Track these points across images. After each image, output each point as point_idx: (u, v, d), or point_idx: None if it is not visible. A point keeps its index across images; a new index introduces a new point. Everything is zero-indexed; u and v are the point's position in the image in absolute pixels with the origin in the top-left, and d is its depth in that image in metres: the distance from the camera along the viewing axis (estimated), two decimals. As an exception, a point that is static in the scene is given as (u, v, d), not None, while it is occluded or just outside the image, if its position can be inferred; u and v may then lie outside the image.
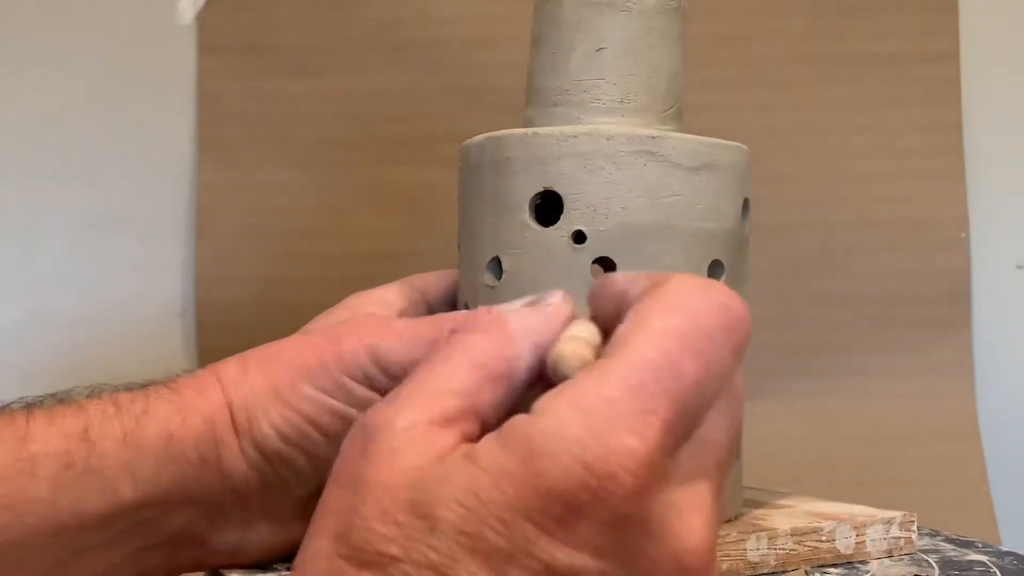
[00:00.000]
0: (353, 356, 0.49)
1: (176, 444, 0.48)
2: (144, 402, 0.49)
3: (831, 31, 0.96)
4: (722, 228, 0.55)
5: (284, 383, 0.49)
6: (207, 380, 0.50)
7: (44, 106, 0.96)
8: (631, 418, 0.34)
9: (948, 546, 0.60)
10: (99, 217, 0.97)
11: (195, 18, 0.97)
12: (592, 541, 0.34)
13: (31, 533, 0.46)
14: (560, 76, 0.57)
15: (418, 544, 0.34)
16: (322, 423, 0.49)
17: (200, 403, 0.49)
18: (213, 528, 0.51)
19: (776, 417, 0.92)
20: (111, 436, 0.47)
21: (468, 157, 0.57)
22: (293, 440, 0.49)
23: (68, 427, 0.47)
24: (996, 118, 0.96)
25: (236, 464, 0.49)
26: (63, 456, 0.46)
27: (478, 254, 0.56)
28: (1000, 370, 0.96)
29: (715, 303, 0.37)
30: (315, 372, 0.49)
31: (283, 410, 0.49)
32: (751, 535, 0.53)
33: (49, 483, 0.46)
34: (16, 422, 0.47)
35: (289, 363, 0.50)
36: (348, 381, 0.49)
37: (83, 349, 0.95)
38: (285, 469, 0.50)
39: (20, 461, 0.46)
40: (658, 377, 0.35)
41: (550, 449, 0.34)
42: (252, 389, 0.50)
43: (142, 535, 0.49)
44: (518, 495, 0.34)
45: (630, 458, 0.34)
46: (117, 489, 0.47)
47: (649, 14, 0.57)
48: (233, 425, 0.49)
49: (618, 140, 0.53)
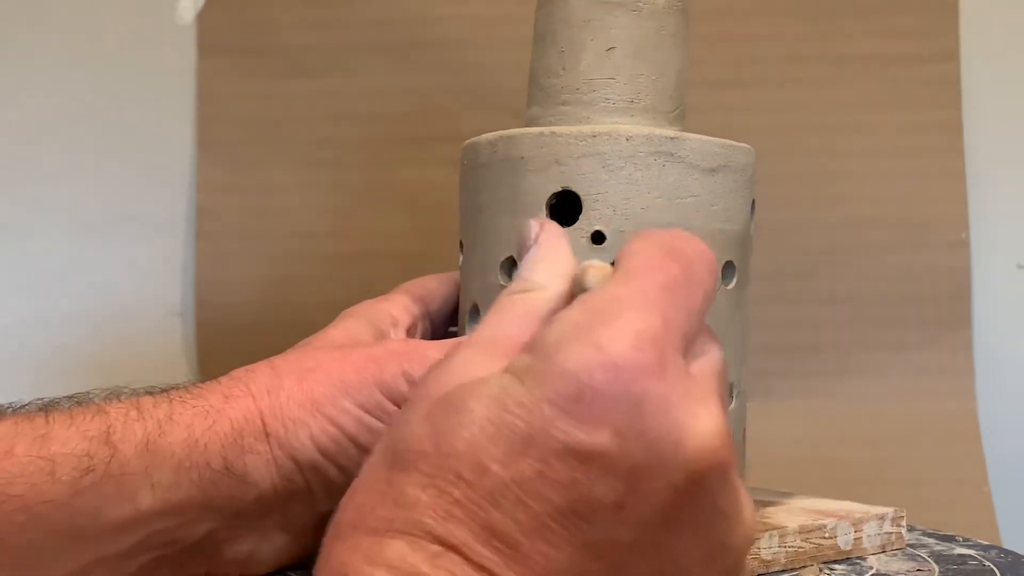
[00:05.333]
0: (394, 380, 0.50)
1: (200, 451, 0.48)
2: (168, 407, 0.48)
3: (831, 31, 0.96)
4: (735, 229, 0.55)
5: (324, 396, 0.50)
6: (235, 388, 0.50)
7: (44, 106, 0.96)
8: (637, 308, 0.36)
9: (931, 540, 0.61)
10: (99, 217, 0.96)
11: (195, 18, 0.97)
12: (609, 419, 0.34)
13: (48, 536, 0.46)
14: (569, 75, 0.57)
15: (447, 436, 0.35)
16: (360, 439, 0.50)
17: (228, 410, 0.49)
18: (229, 538, 0.50)
19: (776, 417, 0.92)
20: (133, 441, 0.47)
21: (476, 155, 0.57)
22: (330, 453, 0.50)
23: (89, 429, 0.47)
24: (996, 118, 0.96)
25: (264, 472, 0.49)
26: (84, 458, 0.46)
27: (490, 254, 0.56)
28: (1000, 370, 0.96)
29: (688, 241, 0.40)
30: (357, 389, 0.50)
31: (323, 423, 0.50)
32: (764, 533, 0.53)
33: (68, 486, 0.46)
34: (35, 421, 0.47)
35: (329, 376, 0.50)
36: (388, 403, 0.50)
37: (83, 349, 0.95)
38: (316, 480, 0.50)
39: (40, 460, 0.45)
40: (656, 283, 0.37)
41: (564, 338, 0.35)
42: (289, 398, 0.50)
43: (158, 545, 0.48)
44: (536, 382, 0.35)
45: (638, 338, 0.35)
46: (135, 496, 0.47)
47: (659, 14, 0.57)
48: (265, 433, 0.49)
49: (637, 140, 0.53)
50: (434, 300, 0.61)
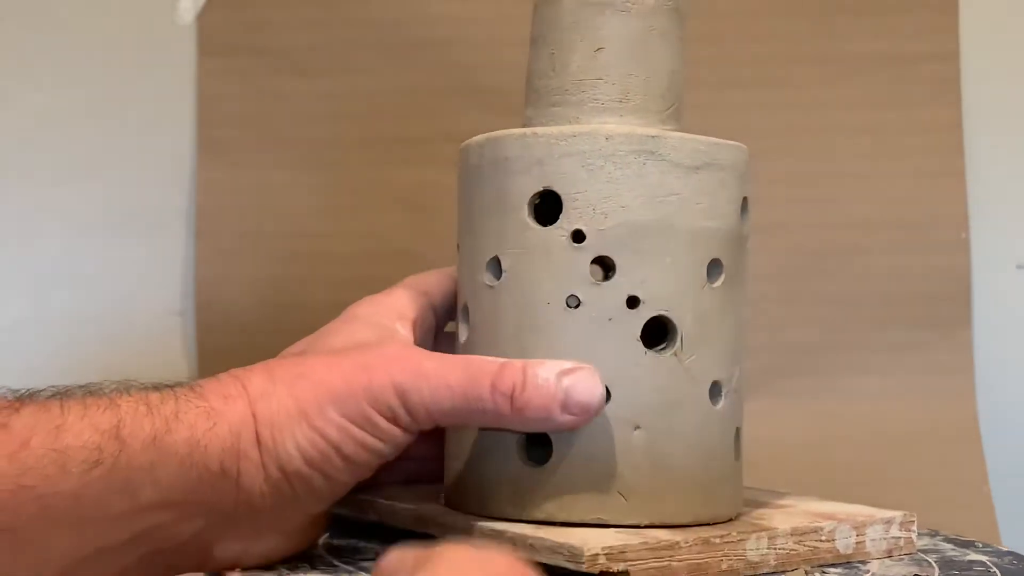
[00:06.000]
0: (382, 391, 0.50)
1: (200, 451, 0.48)
2: (174, 405, 0.49)
3: (831, 31, 0.96)
4: (721, 227, 0.55)
5: (311, 405, 0.50)
6: (233, 388, 0.50)
7: (44, 106, 0.96)
8: None
9: (948, 546, 0.60)
10: (99, 217, 0.96)
11: (195, 18, 0.97)
12: None
13: (55, 526, 0.46)
14: (559, 76, 0.57)
15: None
16: (345, 450, 0.50)
17: (227, 412, 0.49)
18: (221, 537, 0.51)
19: (776, 417, 0.92)
20: (140, 437, 0.47)
21: (468, 157, 0.58)
22: (315, 462, 0.50)
23: (101, 422, 0.47)
24: (996, 118, 0.96)
25: (255, 478, 0.50)
26: (94, 451, 0.46)
27: (477, 254, 0.56)
28: (1000, 370, 0.96)
29: None
30: (343, 398, 0.50)
31: (309, 432, 0.50)
32: (751, 535, 0.53)
33: (77, 478, 0.46)
34: (52, 411, 0.47)
35: (318, 384, 0.50)
36: (374, 413, 0.50)
37: (83, 349, 0.95)
38: (302, 488, 0.51)
39: (54, 452, 0.46)
40: None
41: None
42: (279, 405, 0.50)
43: (153, 539, 0.49)
44: None
45: None
46: (138, 491, 0.47)
47: (649, 14, 0.57)
48: (257, 439, 0.49)
49: (617, 139, 0.53)
50: (436, 295, 0.62)
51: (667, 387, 0.53)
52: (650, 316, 0.53)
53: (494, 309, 0.55)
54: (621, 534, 0.51)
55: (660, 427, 0.53)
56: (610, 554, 0.48)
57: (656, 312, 0.53)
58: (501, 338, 0.54)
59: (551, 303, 0.53)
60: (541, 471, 0.53)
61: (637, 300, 0.53)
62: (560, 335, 0.53)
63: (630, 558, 0.49)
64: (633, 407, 0.53)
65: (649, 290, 0.53)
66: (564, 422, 0.51)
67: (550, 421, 0.51)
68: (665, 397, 0.53)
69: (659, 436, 0.53)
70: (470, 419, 0.52)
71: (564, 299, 0.53)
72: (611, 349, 0.53)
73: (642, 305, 0.53)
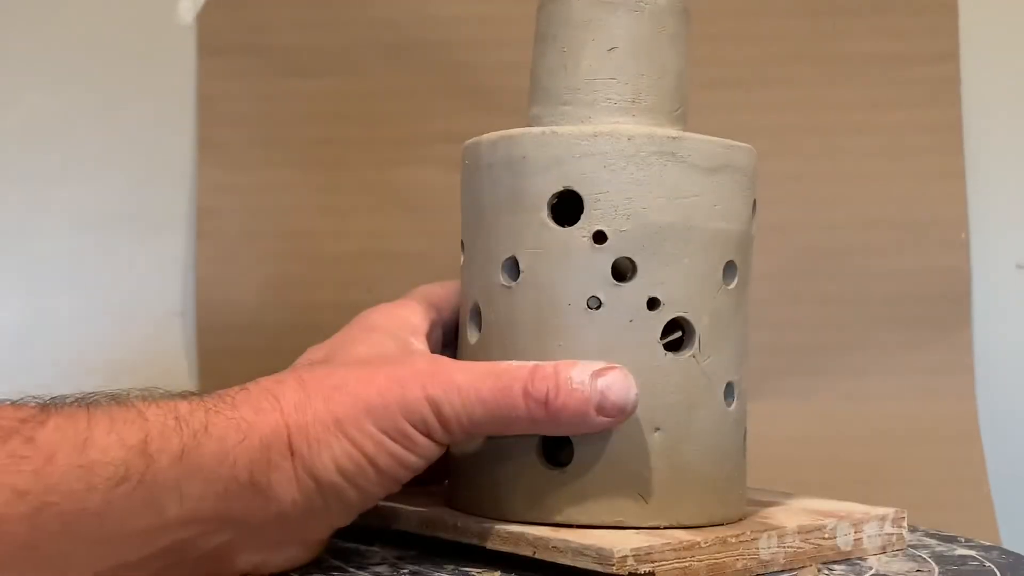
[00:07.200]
0: (416, 405, 0.50)
1: (229, 464, 0.48)
2: (203, 416, 0.48)
3: (831, 31, 0.96)
4: (736, 229, 0.55)
5: (348, 417, 0.50)
6: (264, 400, 0.50)
7: (44, 106, 0.96)
8: None
9: (932, 541, 0.61)
10: (99, 217, 0.96)
11: (195, 18, 0.96)
12: None
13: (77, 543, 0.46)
14: (570, 75, 0.57)
15: None
16: (379, 463, 0.50)
17: (259, 424, 0.49)
18: (244, 548, 0.50)
19: (776, 417, 0.92)
20: (169, 452, 0.46)
21: (478, 155, 0.57)
22: (350, 474, 0.50)
23: (128, 437, 0.46)
24: (996, 118, 0.96)
25: (286, 489, 0.49)
26: (120, 467, 0.45)
27: (491, 254, 0.56)
28: (1000, 370, 0.96)
29: None
30: (379, 412, 0.50)
31: (346, 445, 0.50)
32: (762, 534, 0.53)
33: (102, 495, 0.45)
34: (78, 423, 0.46)
35: (354, 397, 0.50)
36: (408, 427, 0.50)
37: (83, 349, 0.94)
38: (334, 499, 0.50)
39: (79, 468, 0.45)
40: None
41: None
42: (315, 417, 0.50)
43: (177, 552, 0.48)
44: None
45: None
46: (164, 507, 0.47)
47: (661, 14, 0.57)
48: (290, 451, 0.49)
49: (639, 140, 0.53)
50: (445, 310, 0.62)
51: (686, 389, 0.54)
52: (670, 318, 0.53)
53: (511, 310, 0.55)
54: (643, 535, 0.51)
55: (679, 429, 0.53)
56: (638, 555, 0.48)
57: (676, 314, 0.53)
58: (519, 339, 0.54)
59: (572, 304, 0.53)
60: (562, 474, 0.53)
61: (657, 302, 0.53)
62: (581, 336, 0.53)
63: (655, 559, 0.49)
64: (653, 409, 0.53)
65: (668, 292, 0.53)
66: (599, 424, 0.51)
67: (585, 424, 0.51)
68: (684, 399, 0.53)
69: (678, 438, 0.53)
70: (504, 427, 0.52)
71: (585, 300, 0.53)
72: (632, 351, 0.53)
73: (662, 307, 0.53)
